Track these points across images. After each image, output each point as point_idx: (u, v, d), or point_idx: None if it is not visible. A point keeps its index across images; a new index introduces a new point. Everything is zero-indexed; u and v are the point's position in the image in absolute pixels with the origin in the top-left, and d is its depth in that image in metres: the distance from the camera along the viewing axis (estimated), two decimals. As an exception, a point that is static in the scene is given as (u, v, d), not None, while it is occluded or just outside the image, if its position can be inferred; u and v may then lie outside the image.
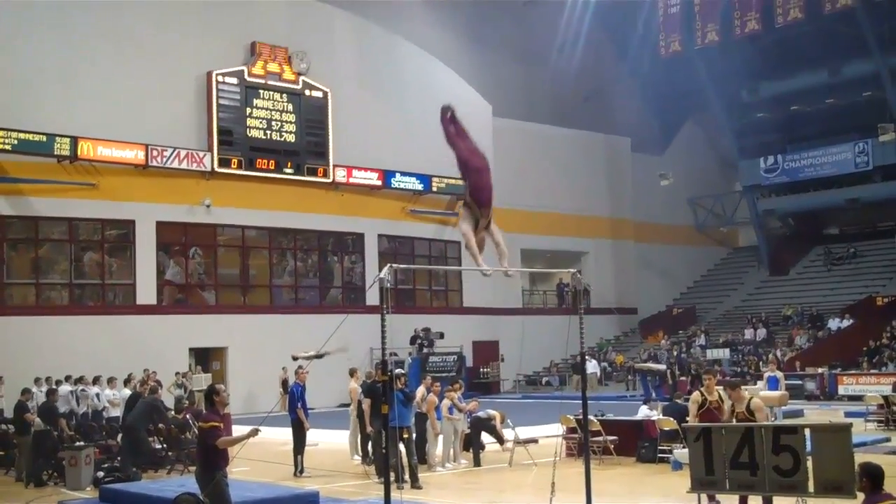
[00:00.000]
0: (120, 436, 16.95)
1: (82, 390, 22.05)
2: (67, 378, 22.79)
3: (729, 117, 42.01)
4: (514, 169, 38.39)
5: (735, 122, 42.24)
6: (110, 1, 28.60)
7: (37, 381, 22.12)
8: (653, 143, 44.81)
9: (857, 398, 25.43)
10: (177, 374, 25.59)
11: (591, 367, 34.40)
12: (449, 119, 10.27)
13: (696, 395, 11.72)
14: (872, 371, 29.13)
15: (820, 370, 29.88)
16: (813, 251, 42.83)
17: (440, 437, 16.35)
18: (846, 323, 33.78)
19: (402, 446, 13.96)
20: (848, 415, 21.69)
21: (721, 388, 11.55)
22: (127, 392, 21.21)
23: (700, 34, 38.09)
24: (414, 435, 15.05)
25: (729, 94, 41.36)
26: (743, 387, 11.21)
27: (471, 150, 10.33)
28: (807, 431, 8.39)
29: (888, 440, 17.87)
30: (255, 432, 9.07)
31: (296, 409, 15.97)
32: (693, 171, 44.91)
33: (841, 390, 28.70)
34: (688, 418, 12.29)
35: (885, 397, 20.53)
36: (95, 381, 22.24)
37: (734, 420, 10.80)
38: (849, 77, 37.91)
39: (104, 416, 21.36)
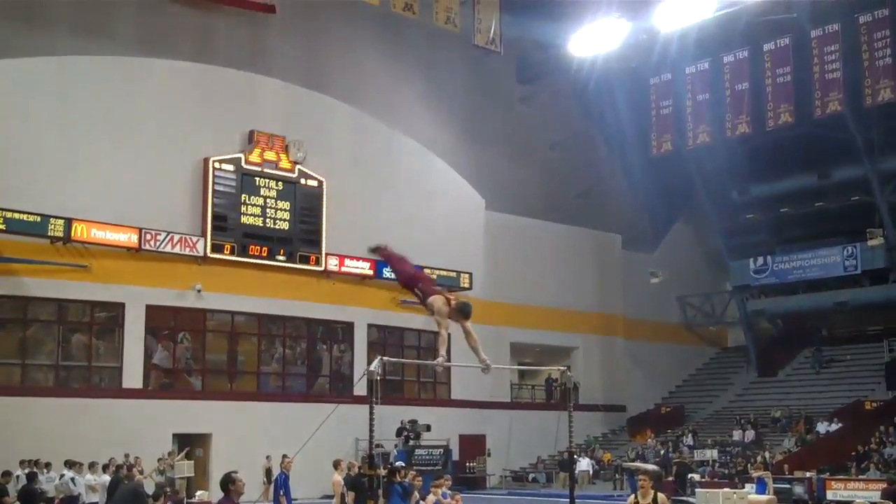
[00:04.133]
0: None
1: (62, 476, 21.73)
2: (36, 462, 22.38)
3: (719, 217, 42.39)
4: (505, 262, 38.65)
5: (725, 222, 42.59)
6: (111, 86, 28.97)
7: (21, 463, 21.85)
8: (643, 241, 45.10)
9: (845, 504, 25.22)
10: (159, 459, 25.20)
11: (584, 464, 34.16)
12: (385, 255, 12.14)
13: (631, 499, 11.74)
14: (861, 476, 28.89)
15: (808, 474, 29.60)
16: (802, 353, 42.80)
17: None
18: (835, 426, 33.60)
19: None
20: (836, 521, 21.51)
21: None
22: (107, 478, 20.96)
23: (691, 135, 38.62)
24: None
25: (719, 195, 41.80)
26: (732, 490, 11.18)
27: (408, 272, 12.10)
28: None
29: (877, 548, 17.66)
30: None
31: (279, 497, 15.81)
32: (683, 270, 45.11)
33: (829, 495, 28.37)
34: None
35: (874, 504, 20.36)
36: (70, 465, 21.94)
37: None
38: (838, 181, 38.36)
39: (83, 501, 21.06)
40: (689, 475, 30.46)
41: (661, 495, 11.70)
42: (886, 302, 38.10)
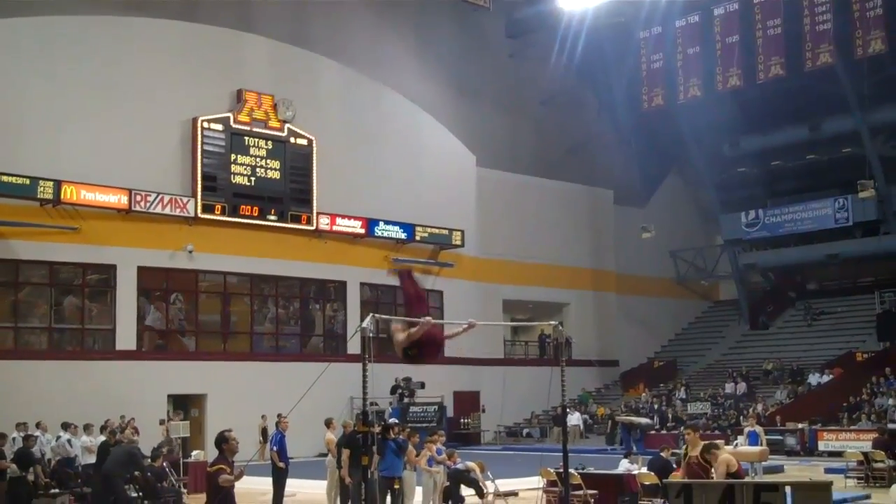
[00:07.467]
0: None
1: (58, 437, 21.75)
2: (38, 424, 22.44)
3: (710, 171, 42.39)
4: (497, 219, 38.61)
5: (716, 176, 42.61)
6: (97, 46, 28.69)
7: (17, 426, 21.87)
8: (635, 196, 45.07)
9: (837, 454, 25.39)
10: (161, 421, 25.17)
11: (575, 419, 34.32)
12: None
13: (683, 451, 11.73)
14: (852, 427, 29.13)
15: (800, 425, 29.85)
16: (793, 306, 42.97)
17: (418, 489, 16.23)
18: (826, 378, 33.82)
19: (388, 498, 13.90)
20: (828, 471, 21.70)
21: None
22: (103, 439, 20.99)
23: (682, 89, 38.44)
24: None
25: (711, 149, 41.77)
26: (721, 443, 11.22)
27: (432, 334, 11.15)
28: (787, 489, 8.38)
29: (868, 497, 17.85)
30: (240, 475, 9.40)
31: (271, 453, 16.01)
32: (675, 224, 45.13)
33: (821, 446, 28.64)
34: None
35: (865, 454, 20.53)
36: (66, 427, 21.97)
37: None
38: (829, 133, 38.33)
39: (79, 462, 21.10)
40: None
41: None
42: (878, 253, 38.29)
